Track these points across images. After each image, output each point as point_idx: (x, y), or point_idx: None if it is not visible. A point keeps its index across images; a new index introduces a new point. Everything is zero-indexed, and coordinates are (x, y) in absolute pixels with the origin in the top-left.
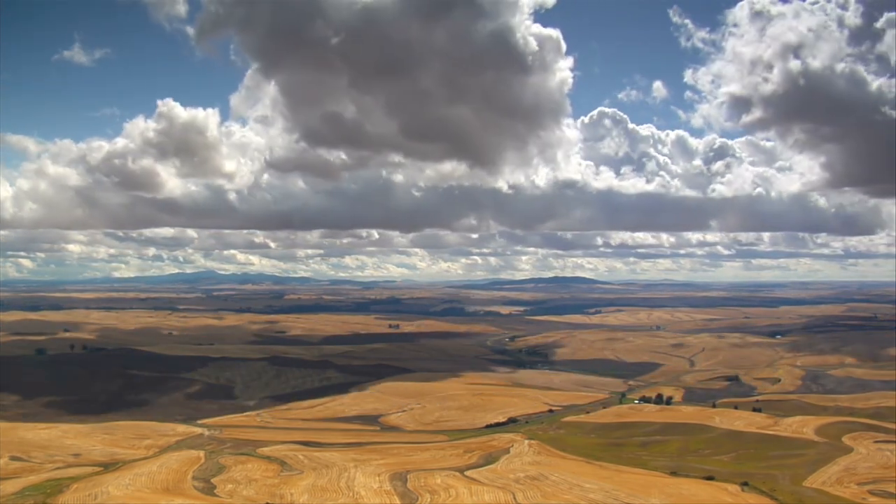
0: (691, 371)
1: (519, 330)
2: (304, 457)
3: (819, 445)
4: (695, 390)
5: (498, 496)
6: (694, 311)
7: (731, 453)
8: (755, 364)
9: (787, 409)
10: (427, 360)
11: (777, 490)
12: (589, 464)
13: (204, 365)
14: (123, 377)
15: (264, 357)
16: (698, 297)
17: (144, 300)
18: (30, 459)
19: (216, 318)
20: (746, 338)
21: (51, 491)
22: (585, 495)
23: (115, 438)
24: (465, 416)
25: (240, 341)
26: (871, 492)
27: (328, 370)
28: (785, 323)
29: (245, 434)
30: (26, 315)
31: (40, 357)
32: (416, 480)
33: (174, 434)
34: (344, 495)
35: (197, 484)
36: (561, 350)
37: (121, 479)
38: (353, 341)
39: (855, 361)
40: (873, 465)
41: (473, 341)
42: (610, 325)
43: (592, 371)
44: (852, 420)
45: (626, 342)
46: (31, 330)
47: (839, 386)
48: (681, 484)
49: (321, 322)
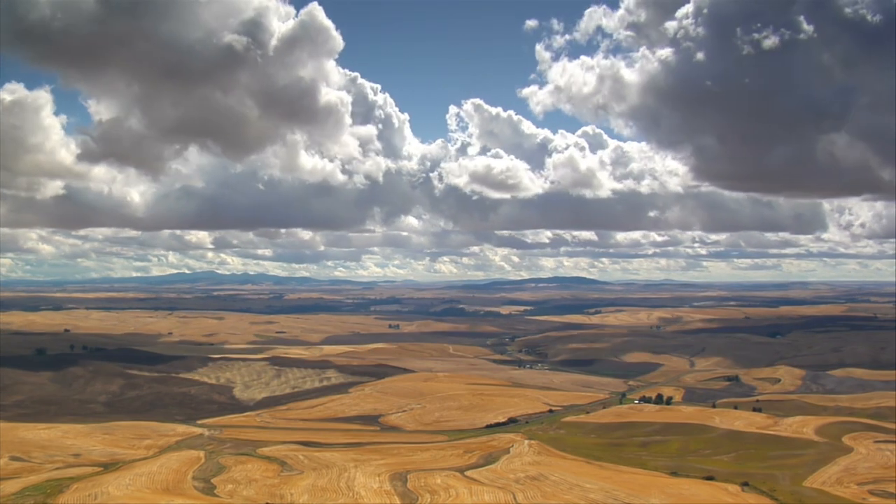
0: (691, 371)
1: (519, 330)
2: (304, 457)
3: (819, 445)
4: (695, 390)
5: (498, 496)
6: (694, 311)
7: (732, 453)
8: (755, 364)
9: (787, 409)
10: (427, 360)
11: (777, 490)
12: (589, 464)
13: (204, 365)
14: (123, 377)
15: (264, 357)
16: (698, 297)
17: (144, 300)
18: (30, 459)
19: (216, 319)
20: (746, 338)
21: (51, 491)
22: (585, 495)
23: (115, 438)
24: (465, 416)
25: (240, 341)
26: (871, 492)
27: (328, 370)
28: (785, 323)
29: (245, 434)
30: (26, 315)
31: (40, 357)
32: (416, 480)
33: (174, 434)
34: (344, 495)
35: (197, 484)
36: (561, 350)
37: (121, 479)
38: (353, 341)
39: (855, 361)
40: (873, 465)
41: (473, 341)
42: (610, 325)
43: (592, 371)
44: (852, 420)
45: (626, 342)
46: (31, 330)
47: (839, 386)
48: (681, 484)
49: (321, 322)
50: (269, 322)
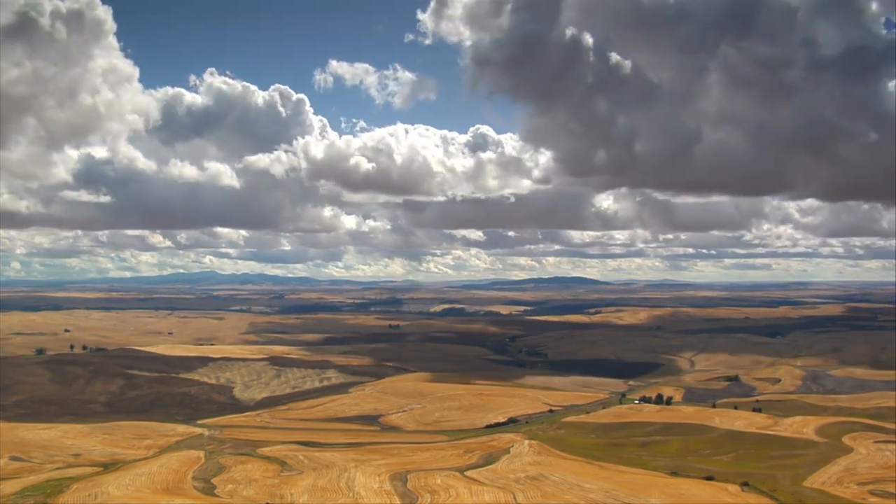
0: (691, 371)
1: (519, 330)
2: (304, 457)
3: (819, 445)
4: (695, 390)
5: (498, 496)
6: (694, 310)
7: (732, 453)
8: (755, 364)
9: (787, 409)
10: (427, 360)
11: (777, 490)
12: (589, 464)
13: (204, 365)
14: (123, 377)
15: (264, 357)
16: (698, 297)
17: (144, 300)
18: (30, 459)
19: (216, 319)
20: (746, 338)
21: (51, 491)
22: (586, 495)
23: (115, 438)
24: (465, 417)
25: (240, 341)
26: (871, 492)
27: (328, 370)
28: (785, 323)
29: (245, 434)
30: (26, 315)
31: (40, 357)
32: (417, 480)
33: (174, 434)
34: (344, 495)
35: (197, 484)
36: (561, 350)
37: (121, 479)
38: (353, 341)
39: (855, 361)
40: (873, 465)
41: (473, 341)
42: (610, 325)
43: (592, 371)
44: (852, 420)
45: (626, 342)
46: (31, 330)
47: (839, 386)
48: (681, 484)
49: (321, 322)
50: (269, 322)
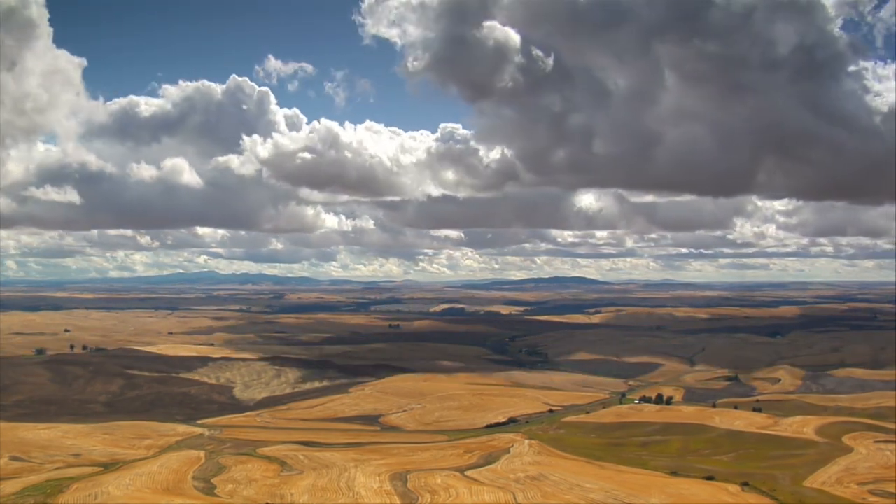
0: (691, 371)
1: (519, 330)
2: (304, 457)
3: (819, 445)
4: (695, 390)
5: (498, 496)
6: (694, 310)
7: (732, 453)
8: (755, 364)
9: (787, 409)
10: (427, 360)
11: (777, 490)
12: (589, 464)
13: (204, 365)
14: (123, 377)
15: (264, 357)
16: (698, 297)
17: (144, 300)
18: (30, 459)
19: (216, 319)
20: (746, 337)
21: (51, 491)
22: (586, 495)
23: (115, 438)
24: (465, 416)
25: (239, 341)
26: (871, 492)
27: (328, 370)
28: (785, 323)
29: (245, 434)
30: (26, 315)
31: (40, 357)
32: (417, 480)
33: (174, 434)
34: (344, 495)
35: (197, 484)
36: (561, 350)
37: (121, 479)
38: (353, 341)
39: (855, 361)
40: (873, 465)
41: (473, 341)
42: (610, 325)
43: (592, 371)
44: (852, 420)
45: (626, 342)
46: (30, 330)
47: (839, 386)
48: (681, 484)
49: (321, 322)
50: (269, 322)
